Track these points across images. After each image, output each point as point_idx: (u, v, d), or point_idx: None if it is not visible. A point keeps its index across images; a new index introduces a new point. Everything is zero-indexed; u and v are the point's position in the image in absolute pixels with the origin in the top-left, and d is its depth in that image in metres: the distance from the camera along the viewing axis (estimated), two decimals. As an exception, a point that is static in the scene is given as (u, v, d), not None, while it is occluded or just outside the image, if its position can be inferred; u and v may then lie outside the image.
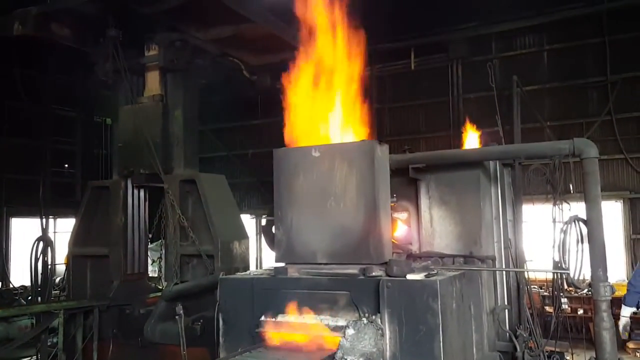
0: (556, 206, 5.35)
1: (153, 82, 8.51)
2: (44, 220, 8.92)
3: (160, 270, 8.55)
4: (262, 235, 7.58)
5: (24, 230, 13.16)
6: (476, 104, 12.53)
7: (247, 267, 8.05)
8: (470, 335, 3.79)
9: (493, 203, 4.80)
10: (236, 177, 14.80)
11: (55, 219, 13.99)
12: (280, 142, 4.18)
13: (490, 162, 4.80)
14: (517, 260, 5.24)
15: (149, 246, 8.99)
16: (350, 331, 3.36)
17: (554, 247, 4.75)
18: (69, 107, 14.39)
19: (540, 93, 12.22)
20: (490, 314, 4.52)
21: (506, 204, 5.12)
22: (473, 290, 3.90)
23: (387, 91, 13.41)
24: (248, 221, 14.96)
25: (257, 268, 12.52)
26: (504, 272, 4.94)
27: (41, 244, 8.26)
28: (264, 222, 5.14)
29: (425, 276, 3.40)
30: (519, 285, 5.36)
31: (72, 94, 13.73)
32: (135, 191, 8.63)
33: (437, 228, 4.72)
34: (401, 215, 4.95)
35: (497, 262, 4.70)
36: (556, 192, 5.46)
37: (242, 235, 8.28)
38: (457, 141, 12.16)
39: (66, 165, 14.66)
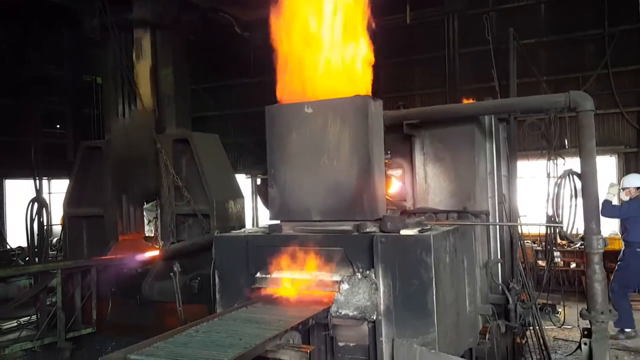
0: (551, 161, 5.35)
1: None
2: (37, 181, 8.87)
3: (156, 230, 8.57)
4: (258, 194, 7.57)
5: (18, 192, 13.13)
6: (472, 58, 12.30)
7: (243, 226, 8.07)
8: (463, 289, 3.84)
9: (488, 158, 4.78)
10: (230, 136, 14.68)
11: (49, 180, 13.94)
12: (273, 99, 4.11)
13: (486, 117, 4.76)
14: (510, 215, 5.27)
15: (145, 206, 8.98)
16: (344, 286, 3.40)
17: (547, 201, 4.78)
18: (57, 66, 14.08)
19: (537, 47, 12.01)
20: (483, 268, 4.57)
21: (501, 159, 5.10)
22: (466, 245, 3.93)
23: (380, 46, 13.12)
24: (243, 181, 14.95)
25: (253, 227, 12.59)
26: (498, 227, 4.97)
27: (36, 205, 8.23)
28: (259, 181, 5.12)
29: (419, 231, 3.42)
30: (512, 239, 5.41)
31: (59, 53, 13.42)
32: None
33: (432, 184, 4.72)
34: (395, 172, 4.93)
35: (490, 217, 4.72)
36: (551, 147, 5.45)
37: (237, 195, 8.28)
38: (453, 97, 12.04)
39: (57, 126, 14.47)
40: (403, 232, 3.41)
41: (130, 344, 2.62)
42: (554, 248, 6.33)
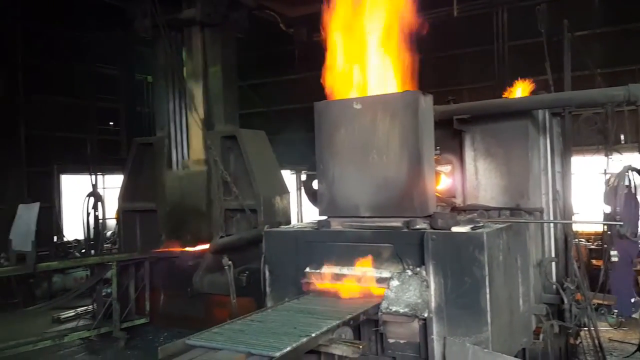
0: (608, 157, 5.16)
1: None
2: (93, 176, 9.22)
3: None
4: (303, 190, 7.65)
5: (73, 187, 13.64)
6: (522, 51, 11.97)
7: (288, 221, 8.18)
8: (517, 287, 3.75)
9: (541, 154, 4.65)
10: (275, 132, 14.81)
11: (103, 175, 14.44)
12: (318, 96, 4.11)
13: (539, 111, 4.62)
14: (565, 212, 5.10)
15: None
16: (394, 283, 3.38)
17: (605, 198, 4.61)
18: (111, 66, 14.57)
19: (591, 39, 11.54)
20: (537, 267, 4.46)
21: (555, 155, 4.95)
22: (520, 243, 3.84)
23: (427, 40, 12.92)
24: (288, 176, 15.07)
25: (298, 222, 12.67)
26: (552, 225, 4.83)
27: (92, 199, 8.56)
28: (304, 177, 5.16)
29: (471, 229, 3.36)
30: (567, 237, 5.23)
31: (113, 52, 13.87)
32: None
33: (483, 181, 4.63)
34: (444, 168, 4.86)
35: (544, 215, 4.59)
36: (608, 142, 5.25)
37: (283, 190, 8.38)
38: (502, 91, 11.74)
39: (111, 123, 14.97)
40: (454, 229, 3.37)
41: (182, 334, 2.70)
42: (612, 247, 6.09)
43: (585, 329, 5.39)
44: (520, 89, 6.57)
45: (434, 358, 3.27)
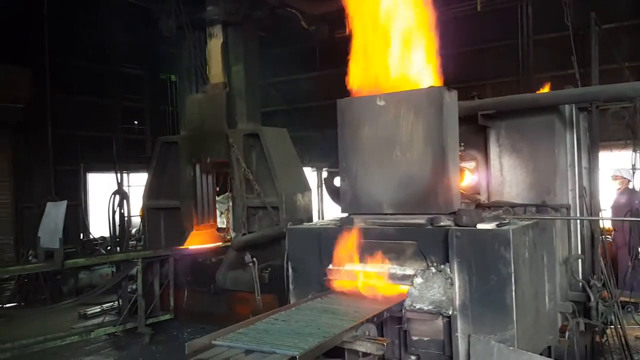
0: (636, 152, 5.05)
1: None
2: (118, 175, 9.35)
3: (228, 222, 8.85)
4: (325, 187, 7.67)
5: (99, 185, 13.86)
6: (547, 46, 11.77)
7: (310, 218, 8.19)
8: (543, 285, 3.70)
9: (568, 150, 4.57)
10: (296, 130, 14.82)
11: (128, 173, 14.66)
12: (339, 93, 4.10)
13: (566, 106, 4.54)
14: (591, 209, 5.01)
15: (217, 199, 9.29)
16: (418, 280, 3.37)
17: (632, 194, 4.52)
18: (135, 65, 14.76)
19: (618, 31, 11.30)
20: (563, 264, 4.39)
21: (582, 150, 4.86)
22: (546, 240, 3.78)
23: (450, 35, 12.77)
24: (309, 174, 15.08)
25: (319, 219, 12.69)
26: (578, 222, 4.75)
27: (117, 197, 8.69)
28: (325, 174, 5.16)
29: (497, 225, 3.33)
30: (593, 234, 5.14)
31: (137, 52, 14.04)
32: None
33: (508, 177, 4.57)
34: (468, 165, 4.81)
35: (571, 211, 4.52)
36: (636, 137, 5.15)
37: (305, 188, 8.40)
38: (527, 86, 11.56)
39: (136, 122, 15.17)
40: (480, 226, 3.34)
41: (205, 330, 2.74)
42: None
43: (612, 326, 5.30)
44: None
45: (459, 356, 3.25)
